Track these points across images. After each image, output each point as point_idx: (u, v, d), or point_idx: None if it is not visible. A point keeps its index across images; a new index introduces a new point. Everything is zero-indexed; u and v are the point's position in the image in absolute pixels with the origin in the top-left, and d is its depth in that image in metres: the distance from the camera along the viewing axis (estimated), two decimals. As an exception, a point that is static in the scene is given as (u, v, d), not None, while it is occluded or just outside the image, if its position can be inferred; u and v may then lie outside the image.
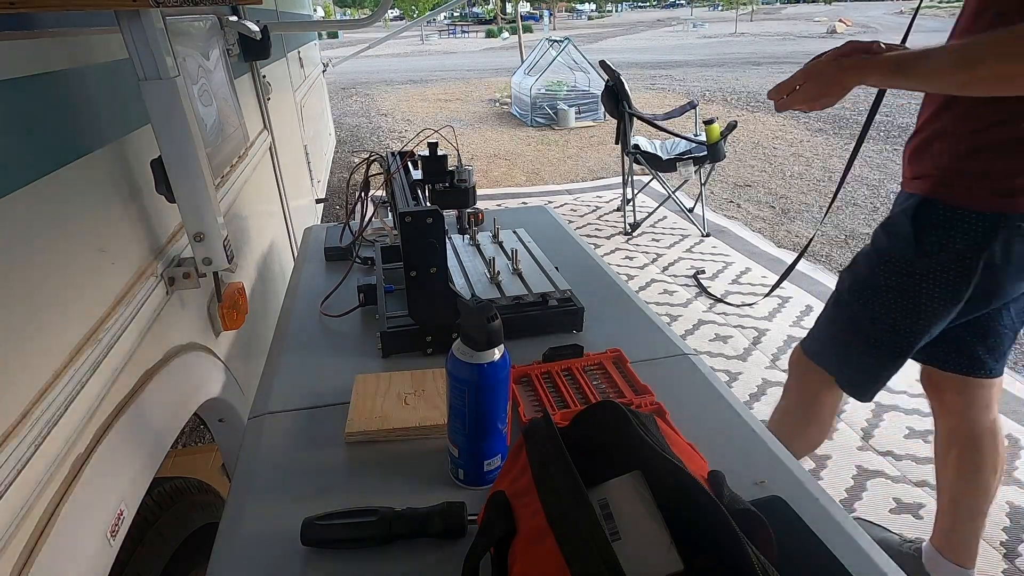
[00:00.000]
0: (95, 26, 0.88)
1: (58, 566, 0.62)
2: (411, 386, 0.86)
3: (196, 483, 1.08)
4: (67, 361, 0.69)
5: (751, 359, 2.47)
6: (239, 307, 1.22)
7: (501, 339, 0.63)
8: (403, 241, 0.87)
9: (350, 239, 1.32)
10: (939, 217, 1.06)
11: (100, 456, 0.73)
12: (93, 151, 0.83)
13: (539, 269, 1.12)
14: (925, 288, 1.10)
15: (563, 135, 6.95)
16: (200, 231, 0.92)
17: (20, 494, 0.58)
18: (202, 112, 1.15)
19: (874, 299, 1.17)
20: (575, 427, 0.55)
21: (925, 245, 1.08)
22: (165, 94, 0.81)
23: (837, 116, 7.11)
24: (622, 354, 0.93)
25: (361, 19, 2.46)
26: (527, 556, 0.46)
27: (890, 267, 1.14)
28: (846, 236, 3.76)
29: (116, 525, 0.73)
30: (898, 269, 1.12)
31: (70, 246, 0.75)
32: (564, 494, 0.45)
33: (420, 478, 0.72)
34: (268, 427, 0.82)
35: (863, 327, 1.20)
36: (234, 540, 0.64)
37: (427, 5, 22.72)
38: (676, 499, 0.45)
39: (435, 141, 1.16)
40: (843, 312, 1.25)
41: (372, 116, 8.60)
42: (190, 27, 1.25)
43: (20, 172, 0.66)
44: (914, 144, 1.13)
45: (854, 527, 0.64)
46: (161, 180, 0.88)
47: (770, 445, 0.76)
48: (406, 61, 18.16)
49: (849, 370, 1.26)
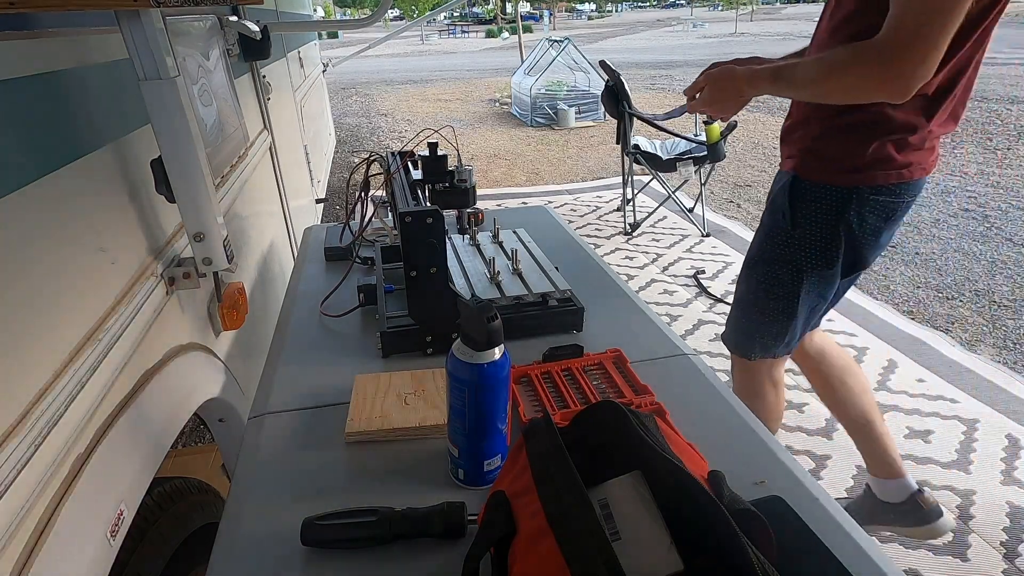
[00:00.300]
0: (95, 26, 0.88)
1: (58, 566, 0.62)
2: (411, 386, 0.86)
3: (196, 483, 1.08)
4: (67, 361, 0.69)
5: (751, 359, 2.47)
6: (239, 307, 1.22)
7: (501, 339, 0.63)
8: (403, 241, 0.87)
9: (350, 239, 1.32)
10: (806, 192, 1.20)
11: (100, 456, 0.73)
12: (93, 151, 0.83)
13: (539, 269, 1.12)
14: (803, 256, 1.24)
15: (563, 135, 6.95)
16: (200, 231, 0.92)
17: (20, 494, 0.58)
18: (202, 112, 1.15)
19: (767, 270, 1.30)
20: (575, 427, 0.55)
21: (798, 217, 1.22)
22: (165, 94, 0.81)
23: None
24: (622, 354, 0.93)
25: (361, 19, 2.45)
26: (527, 556, 0.46)
27: (776, 240, 1.27)
28: (846, 236, 3.76)
29: (116, 525, 0.73)
30: (782, 240, 1.26)
31: (70, 246, 0.75)
32: (564, 494, 0.45)
33: (420, 478, 0.72)
34: (268, 427, 0.82)
35: (760, 298, 1.33)
36: (234, 540, 0.64)
37: (427, 5, 22.73)
38: (676, 499, 0.45)
39: (435, 141, 1.16)
40: (745, 290, 1.38)
41: (372, 116, 8.60)
42: (190, 27, 1.25)
43: (20, 172, 0.66)
44: (784, 128, 1.28)
45: (854, 527, 0.64)
46: (161, 180, 0.88)
47: (770, 445, 0.76)
48: (406, 61, 18.16)
49: (761, 338, 1.38)
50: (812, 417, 2.11)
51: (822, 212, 1.19)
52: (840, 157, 1.15)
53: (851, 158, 1.14)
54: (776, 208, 1.26)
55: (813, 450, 1.96)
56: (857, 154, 1.13)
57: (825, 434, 2.03)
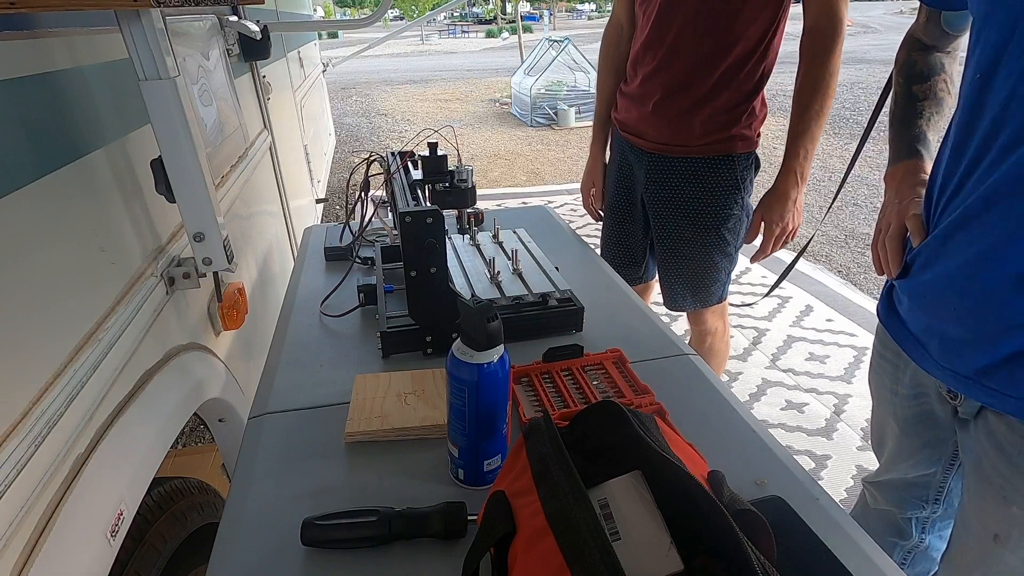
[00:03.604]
0: (95, 26, 0.88)
1: (58, 566, 0.62)
2: (411, 386, 0.86)
3: (196, 483, 1.08)
4: (67, 361, 0.69)
5: (751, 359, 2.47)
6: (239, 307, 1.22)
7: (501, 339, 0.63)
8: (403, 241, 0.87)
9: (350, 239, 1.32)
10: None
11: (100, 456, 0.73)
12: (93, 151, 0.83)
13: (539, 269, 1.12)
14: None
15: (563, 135, 6.95)
16: (200, 231, 0.92)
17: (20, 494, 0.58)
18: (202, 112, 1.15)
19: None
20: (575, 427, 0.55)
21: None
22: (165, 94, 0.81)
23: (836, 116, 7.11)
24: (622, 354, 0.93)
25: (361, 19, 2.45)
26: (527, 556, 0.46)
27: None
28: (846, 236, 3.76)
29: (116, 525, 0.73)
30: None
31: (70, 246, 0.75)
32: (564, 494, 0.45)
33: (420, 478, 0.72)
34: (268, 427, 0.82)
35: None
36: (234, 540, 0.64)
37: (427, 5, 22.70)
38: (676, 499, 0.45)
39: (435, 141, 1.16)
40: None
41: (372, 116, 8.60)
42: (190, 27, 1.25)
43: (20, 172, 0.66)
44: None
45: (854, 527, 0.64)
46: (161, 180, 0.88)
47: (770, 445, 0.76)
48: (406, 61, 18.16)
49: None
50: (812, 417, 2.12)
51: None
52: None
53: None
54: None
55: (813, 450, 1.96)
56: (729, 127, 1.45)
57: (825, 434, 2.03)
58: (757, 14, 1.25)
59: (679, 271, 1.54)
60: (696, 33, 1.30)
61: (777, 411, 2.16)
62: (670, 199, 1.46)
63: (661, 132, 1.42)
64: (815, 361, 2.45)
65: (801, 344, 2.58)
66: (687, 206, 1.44)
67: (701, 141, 1.38)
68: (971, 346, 0.72)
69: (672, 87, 1.37)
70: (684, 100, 1.36)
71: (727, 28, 1.27)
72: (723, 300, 1.59)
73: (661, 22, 1.33)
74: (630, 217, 1.60)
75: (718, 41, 1.29)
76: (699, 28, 1.29)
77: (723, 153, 1.38)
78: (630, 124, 1.50)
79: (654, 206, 1.50)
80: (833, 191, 4.60)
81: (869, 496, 1.08)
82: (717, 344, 1.68)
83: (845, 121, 6.90)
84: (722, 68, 1.31)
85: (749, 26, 1.26)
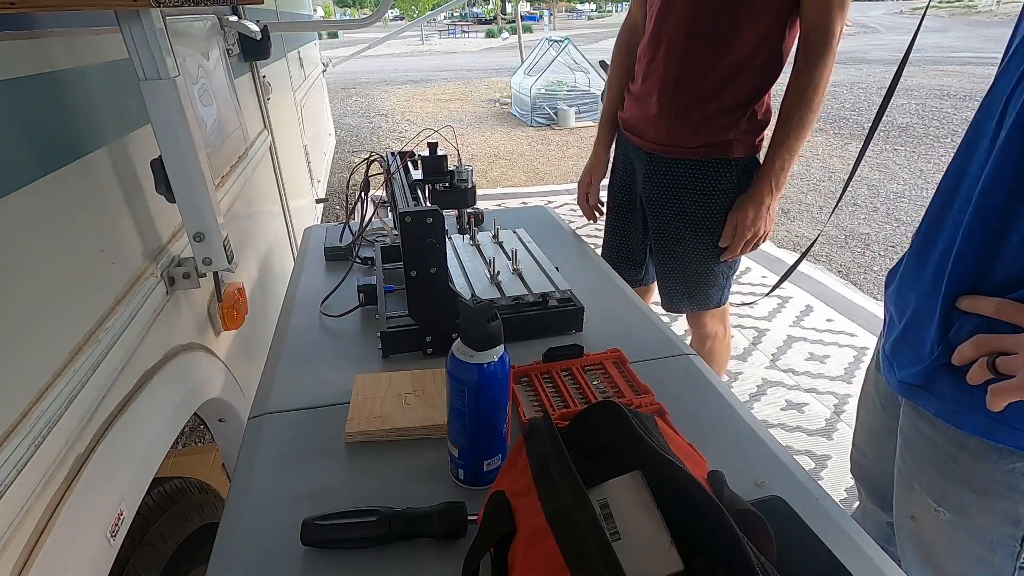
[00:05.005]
0: (95, 26, 0.88)
1: (58, 566, 0.62)
2: (411, 386, 0.86)
3: (196, 483, 1.08)
4: (67, 361, 0.69)
5: (751, 359, 2.47)
6: (239, 307, 1.22)
7: (501, 339, 0.63)
8: (403, 241, 0.87)
9: (350, 239, 1.32)
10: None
11: (100, 456, 0.73)
12: (93, 151, 0.83)
13: (539, 269, 1.12)
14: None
15: (563, 135, 6.95)
16: (200, 231, 0.92)
17: (20, 494, 0.58)
18: (202, 112, 1.15)
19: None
20: (575, 427, 0.55)
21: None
22: (165, 94, 0.81)
23: (836, 116, 7.12)
24: (622, 354, 0.93)
25: (361, 19, 2.45)
26: (527, 556, 0.45)
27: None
28: (846, 236, 3.76)
29: (116, 525, 0.73)
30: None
31: (70, 246, 0.75)
32: (564, 494, 0.45)
33: (420, 478, 0.72)
34: (268, 427, 0.82)
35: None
36: (234, 540, 0.64)
37: (427, 5, 22.72)
38: (676, 499, 0.45)
39: (435, 141, 1.16)
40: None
41: (372, 116, 8.60)
42: (190, 27, 1.25)
43: (20, 172, 0.66)
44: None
45: (854, 527, 0.64)
46: (161, 180, 0.88)
47: (770, 445, 0.76)
48: (406, 61, 18.16)
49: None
50: (812, 417, 2.12)
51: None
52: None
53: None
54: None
55: (813, 450, 1.96)
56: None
57: (825, 434, 2.03)
58: (755, 18, 1.24)
59: (676, 272, 1.53)
60: (691, 33, 1.29)
61: (777, 411, 2.16)
62: (667, 200, 1.46)
63: (659, 132, 1.42)
64: (815, 361, 2.46)
65: (801, 344, 2.58)
66: (683, 207, 1.44)
67: (698, 143, 1.38)
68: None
69: (667, 86, 1.37)
70: (680, 100, 1.36)
71: (722, 30, 1.27)
72: (722, 304, 1.58)
73: (660, 21, 1.34)
74: (631, 217, 1.60)
75: (713, 43, 1.29)
76: (693, 28, 1.29)
77: (720, 156, 1.38)
78: (632, 123, 1.51)
79: (652, 206, 1.50)
80: (833, 191, 4.60)
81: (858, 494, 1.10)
82: (717, 348, 1.68)
83: (845, 121, 6.90)
84: (718, 70, 1.30)
85: (746, 30, 1.26)
